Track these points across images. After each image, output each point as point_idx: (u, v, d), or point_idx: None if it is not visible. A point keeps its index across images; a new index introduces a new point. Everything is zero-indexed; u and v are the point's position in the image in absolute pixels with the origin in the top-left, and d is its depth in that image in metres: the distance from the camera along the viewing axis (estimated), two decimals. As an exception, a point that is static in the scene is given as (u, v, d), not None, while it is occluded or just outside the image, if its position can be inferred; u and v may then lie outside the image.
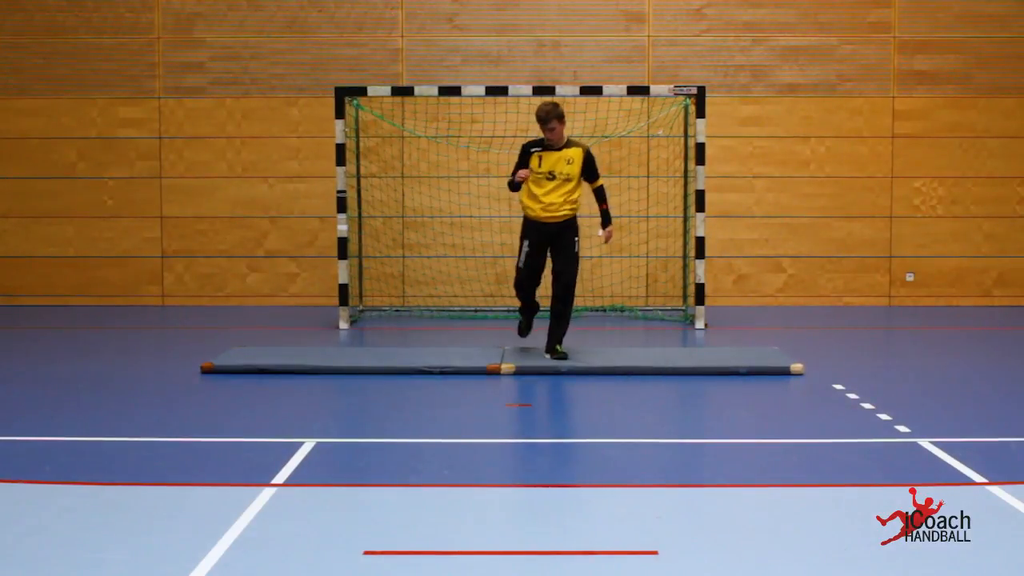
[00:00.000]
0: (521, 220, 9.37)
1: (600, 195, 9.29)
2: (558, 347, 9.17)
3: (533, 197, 9.06)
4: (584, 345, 10.31)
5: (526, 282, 9.29)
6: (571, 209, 9.10)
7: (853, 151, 13.77)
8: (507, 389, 8.30)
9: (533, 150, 9.10)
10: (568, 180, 9.03)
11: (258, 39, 13.74)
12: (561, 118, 8.96)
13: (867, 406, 7.51)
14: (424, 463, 6.13)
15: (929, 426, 6.86)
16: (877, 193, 13.78)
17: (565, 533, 4.84)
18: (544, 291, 9.56)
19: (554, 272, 9.13)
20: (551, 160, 9.02)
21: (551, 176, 9.01)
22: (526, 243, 9.17)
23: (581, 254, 9.43)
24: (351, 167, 12.62)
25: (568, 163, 9.03)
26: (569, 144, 9.11)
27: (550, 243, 9.12)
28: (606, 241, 9.54)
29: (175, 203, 13.87)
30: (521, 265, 9.23)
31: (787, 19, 13.68)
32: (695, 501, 5.44)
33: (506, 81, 13.19)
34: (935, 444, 6.35)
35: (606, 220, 9.33)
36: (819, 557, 4.52)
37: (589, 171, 9.14)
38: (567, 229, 9.10)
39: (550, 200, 9.01)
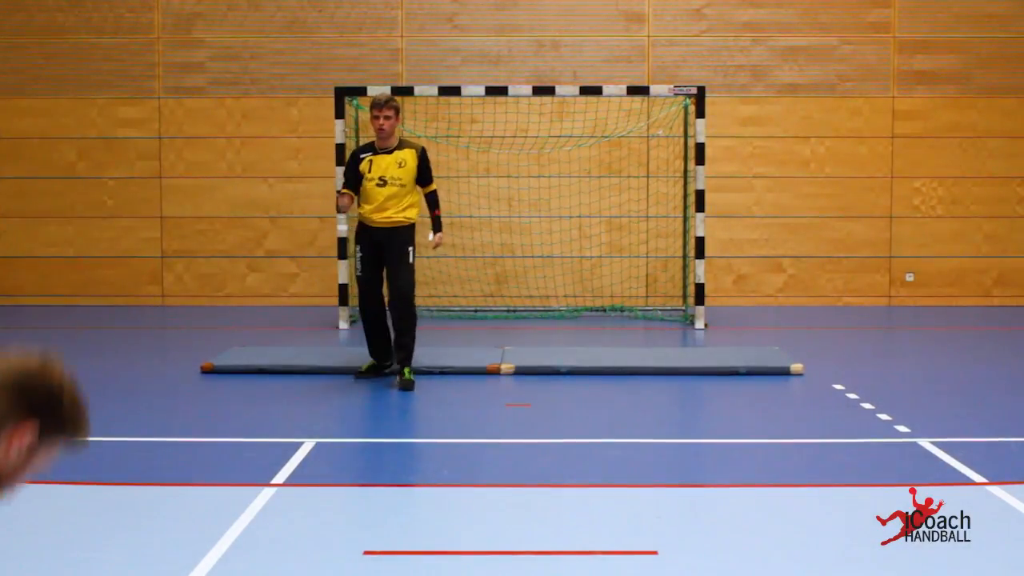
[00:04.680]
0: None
1: (432, 200, 8.43)
2: (406, 371, 8.15)
3: (365, 200, 8.30)
4: (584, 345, 10.31)
5: (367, 293, 8.37)
6: (404, 217, 8.28)
7: (853, 151, 13.77)
8: (507, 389, 8.30)
9: (362, 156, 8.32)
10: (402, 186, 8.20)
11: (258, 39, 13.75)
12: (397, 110, 8.25)
13: (867, 406, 7.51)
14: (424, 463, 6.12)
15: (929, 426, 6.86)
16: (877, 193, 13.78)
17: (565, 533, 4.84)
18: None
19: (388, 282, 8.29)
20: (382, 165, 8.22)
21: (382, 182, 8.18)
22: (358, 248, 8.36)
23: (583, 254, 9.21)
24: (351, 167, 12.62)
25: (400, 166, 8.22)
26: (402, 145, 8.33)
27: (382, 250, 8.27)
28: (435, 247, 8.54)
29: (175, 203, 13.87)
30: (359, 274, 8.37)
31: (787, 19, 13.69)
32: (695, 501, 5.44)
33: (506, 81, 13.19)
34: (935, 444, 6.34)
35: (437, 226, 8.46)
36: (819, 557, 4.52)
37: (423, 174, 8.34)
38: (399, 236, 8.23)
39: (382, 206, 8.22)
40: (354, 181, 8.31)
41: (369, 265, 8.28)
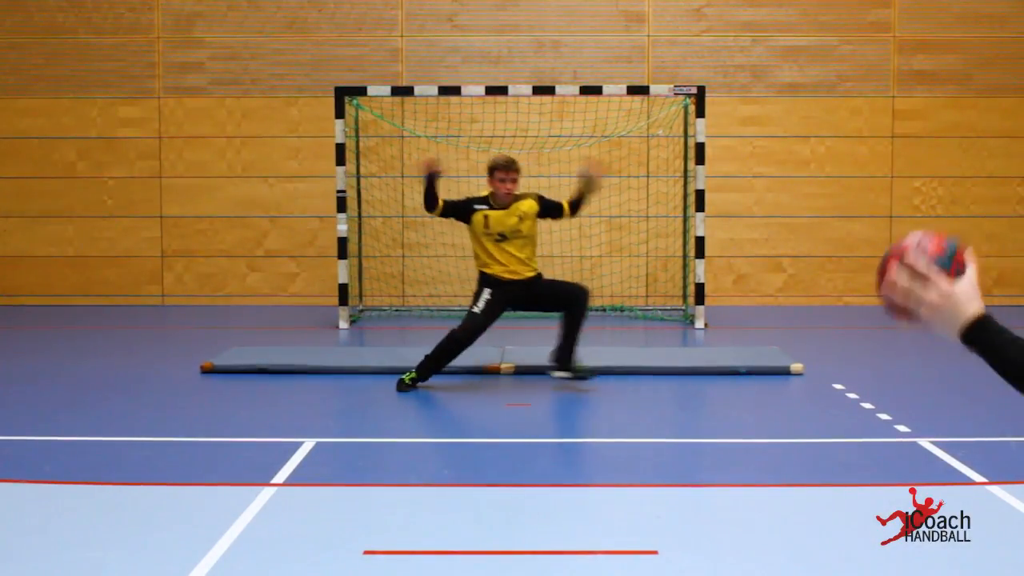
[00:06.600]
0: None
1: (574, 205, 8.32)
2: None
3: (490, 256, 8.15)
4: (584, 345, 10.30)
5: (478, 333, 8.10)
6: (533, 269, 8.25)
7: (853, 151, 13.77)
8: (507, 389, 8.29)
9: (477, 207, 8.17)
10: (524, 236, 8.15)
11: (258, 39, 13.75)
12: (518, 173, 8.22)
13: (867, 406, 7.51)
14: (424, 463, 6.12)
15: (929, 426, 6.85)
16: (877, 193, 13.79)
17: (565, 533, 4.84)
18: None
19: (561, 292, 8.26)
20: (498, 220, 8.10)
21: (501, 237, 8.10)
22: (487, 291, 8.10)
23: (583, 254, 9.06)
24: (351, 167, 12.63)
25: (520, 219, 8.12)
26: (517, 198, 8.19)
27: (524, 297, 8.22)
28: (594, 177, 8.29)
29: (175, 203, 13.87)
30: (478, 311, 8.06)
31: (787, 19, 13.69)
32: (695, 501, 5.43)
33: (506, 81, 13.19)
34: (935, 444, 6.34)
35: (585, 187, 8.28)
36: (819, 557, 4.52)
37: (551, 209, 8.27)
38: (536, 280, 8.27)
39: (508, 260, 8.14)
40: (462, 212, 8.20)
41: (495, 307, 8.11)
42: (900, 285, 2.07)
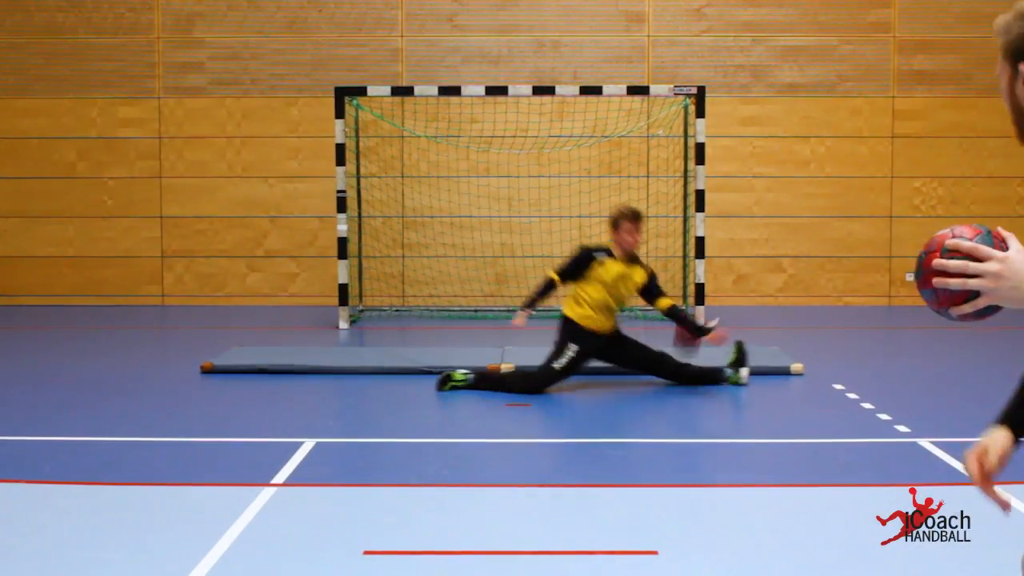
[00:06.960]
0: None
1: (675, 314, 8.26)
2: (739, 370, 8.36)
3: (584, 302, 8.15)
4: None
5: (551, 382, 8.10)
6: (615, 325, 8.34)
7: (853, 151, 13.77)
8: (507, 389, 8.28)
9: (598, 255, 8.16)
10: (622, 295, 8.23)
11: (258, 39, 13.75)
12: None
13: (867, 406, 7.51)
14: (424, 463, 6.12)
15: (929, 426, 6.85)
16: (877, 193, 13.79)
17: (565, 533, 4.84)
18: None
19: (660, 370, 8.35)
20: (620, 274, 8.14)
21: (610, 286, 8.15)
22: (574, 347, 8.09)
23: None
24: (351, 167, 12.63)
25: (627, 282, 8.18)
26: (636, 260, 8.27)
27: (606, 350, 8.28)
28: (688, 350, 8.33)
29: (175, 203, 13.87)
30: (559, 368, 8.07)
31: (787, 19, 13.69)
32: (695, 501, 5.43)
33: (506, 81, 13.20)
34: (935, 444, 6.34)
35: (698, 329, 8.31)
36: (819, 557, 4.52)
37: (650, 291, 8.27)
38: (617, 337, 8.34)
39: (600, 309, 8.16)
40: (583, 267, 8.15)
41: (577, 364, 8.16)
42: (952, 267, 2.05)
